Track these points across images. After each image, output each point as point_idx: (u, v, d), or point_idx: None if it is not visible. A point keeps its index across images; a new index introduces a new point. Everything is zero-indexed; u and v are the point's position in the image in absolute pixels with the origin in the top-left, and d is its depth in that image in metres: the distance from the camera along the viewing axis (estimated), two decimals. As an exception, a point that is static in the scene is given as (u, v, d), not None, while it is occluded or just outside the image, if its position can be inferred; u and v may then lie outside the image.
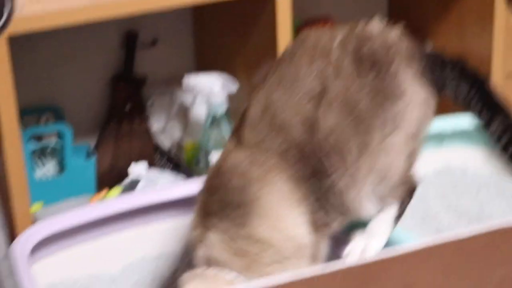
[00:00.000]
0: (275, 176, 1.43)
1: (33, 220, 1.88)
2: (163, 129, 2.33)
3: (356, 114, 1.44)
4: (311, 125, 1.43)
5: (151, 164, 2.24)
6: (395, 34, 1.54)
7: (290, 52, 1.52)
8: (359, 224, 1.59)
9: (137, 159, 2.19)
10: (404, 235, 1.63)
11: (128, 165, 2.14)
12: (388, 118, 1.48)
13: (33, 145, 2.09)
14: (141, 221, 1.88)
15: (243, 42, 2.16)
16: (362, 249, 1.55)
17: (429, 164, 2.12)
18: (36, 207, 1.93)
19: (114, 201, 1.84)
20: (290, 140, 1.43)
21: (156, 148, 2.27)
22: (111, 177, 2.21)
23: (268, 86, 1.47)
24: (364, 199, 1.49)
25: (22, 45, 2.13)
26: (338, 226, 1.51)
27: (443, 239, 1.06)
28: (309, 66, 1.46)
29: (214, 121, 2.06)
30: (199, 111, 2.22)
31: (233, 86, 2.10)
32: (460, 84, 1.53)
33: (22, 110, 2.11)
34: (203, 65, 2.38)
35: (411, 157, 1.53)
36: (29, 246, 1.67)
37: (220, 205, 1.44)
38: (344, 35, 1.51)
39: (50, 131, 2.12)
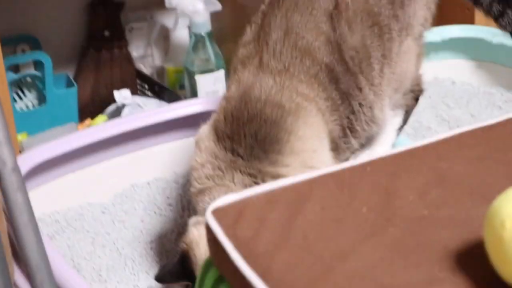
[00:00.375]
0: (307, 106, 1.37)
1: (20, 150, 1.82)
2: (143, 55, 2.26)
3: (380, 23, 1.41)
4: (336, 45, 1.38)
5: (134, 91, 2.17)
6: None
7: None
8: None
9: (119, 86, 2.12)
10: (408, 142, 1.61)
11: (110, 93, 2.08)
12: (405, 21, 1.45)
13: (12, 76, 2.01)
14: (130, 148, 1.84)
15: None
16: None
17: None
18: (21, 136, 1.86)
19: (102, 127, 1.79)
20: (318, 63, 1.38)
21: (138, 74, 2.20)
22: (93, 105, 2.15)
23: (285, 10, 1.41)
24: (386, 109, 1.47)
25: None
26: (357, 146, 1.48)
27: (473, 127, 1.03)
28: None
29: (197, 42, 1.99)
30: (181, 34, 2.16)
31: (216, 5, 2.04)
32: None
33: (-3, 41, 2.04)
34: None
35: (419, 58, 1.51)
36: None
37: (251, 138, 1.36)
38: None
39: (29, 59, 2.04)
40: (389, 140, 1.55)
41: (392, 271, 0.82)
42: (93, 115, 2.10)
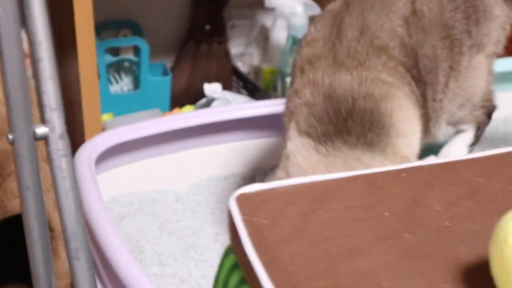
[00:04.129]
0: (396, 91, 1.37)
1: (103, 130, 1.87)
2: (242, 53, 2.28)
3: (452, 36, 1.41)
4: (411, 50, 1.38)
5: (228, 87, 2.20)
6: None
7: None
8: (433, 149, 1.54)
9: (214, 80, 2.15)
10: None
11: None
12: (478, 38, 1.44)
13: (109, 59, 2.07)
14: (211, 140, 1.86)
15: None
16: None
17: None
18: (107, 116, 1.91)
19: (184, 116, 1.82)
20: (395, 59, 1.37)
21: (234, 71, 2.23)
22: (186, 97, 2.18)
23: (361, 10, 1.41)
24: (442, 125, 1.45)
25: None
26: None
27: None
28: None
29: (294, 44, 1.99)
30: (279, 35, 2.17)
31: (315, 9, 2.04)
32: None
33: (101, 24, 2.10)
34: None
35: (490, 75, 1.49)
36: (95, 154, 1.66)
37: (351, 127, 1.35)
38: None
39: (127, 44, 2.09)
40: (459, 154, 1.52)
41: (395, 276, 0.81)
42: (184, 106, 2.13)
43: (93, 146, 1.66)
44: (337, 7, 1.44)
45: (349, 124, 1.33)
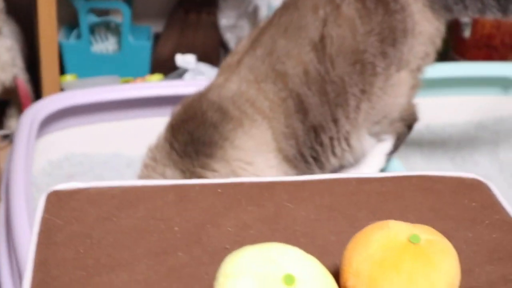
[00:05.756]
0: (257, 119, 1.39)
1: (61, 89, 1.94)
2: (234, 25, 2.30)
3: (363, 61, 1.39)
4: (319, 75, 1.38)
5: (215, 57, 2.23)
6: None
7: None
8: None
9: (201, 50, 2.19)
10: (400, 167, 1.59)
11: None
12: (397, 56, 1.42)
13: (93, 19, 2.12)
14: (167, 111, 1.89)
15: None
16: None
17: (491, 111, 2.02)
18: (70, 77, 1.97)
19: (138, 86, 1.86)
20: (289, 90, 1.38)
21: (221, 44, 2.26)
22: (171, 64, 2.22)
23: (275, 31, 1.42)
24: (365, 138, 1.46)
25: None
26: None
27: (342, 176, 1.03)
28: (313, 13, 1.41)
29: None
30: (270, 12, 2.18)
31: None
32: None
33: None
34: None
35: (413, 91, 1.48)
36: (41, 116, 1.72)
37: (188, 135, 1.39)
38: None
39: (108, 6, 2.14)
40: (376, 163, 1.53)
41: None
42: (166, 72, 2.17)
43: (39, 109, 1.73)
44: (262, 25, 1.47)
45: (184, 127, 1.37)
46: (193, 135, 1.36)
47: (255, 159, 1.37)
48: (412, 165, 1.88)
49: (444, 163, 1.93)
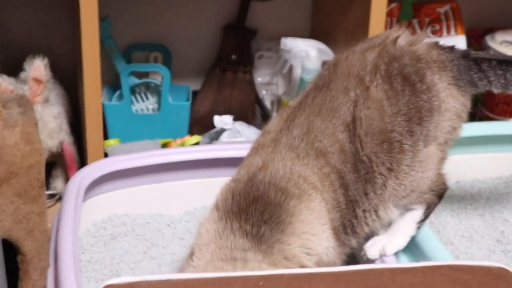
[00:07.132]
0: (312, 193, 1.46)
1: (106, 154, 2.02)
2: (268, 82, 2.38)
3: (391, 140, 1.47)
4: (352, 154, 1.46)
5: (251, 115, 2.30)
6: (422, 45, 1.52)
7: (326, 79, 1.54)
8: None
9: (237, 108, 2.27)
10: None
11: (227, 112, 2.22)
12: (423, 133, 1.49)
13: (134, 81, 2.21)
14: (207, 173, 1.97)
15: (344, 15, 2.16)
16: (384, 244, 1.58)
17: (505, 168, 2.07)
18: (113, 141, 2.06)
19: (178, 150, 1.94)
20: (331, 166, 1.46)
21: (258, 101, 2.33)
22: (209, 121, 2.30)
23: (309, 111, 1.51)
24: (391, 210, 1.53)
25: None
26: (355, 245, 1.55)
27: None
28: (344, 95, 1.49)
29: (304, 86, 2.08)
30: (298, 72, 2.26)
31: (328, 54, 2.12)
32: (497, 72, 1.54)
33: (132, 46, 2.25)
34: (316, 29, 2.40)
35: (441, 163, 1.55)
36: (87, 182, 1.81)
37: (250, 214, 1.42)
38: (374, 56, 1.51)
39: (149, 70, 2.23)
40: (408, 231, 1.59)
41: None
42: (205, 131, 2.25)
43: (85, 175, 1.81)
44: (293, 105, 1.55)
45: (250, 210, 1.42)
46: (263, 216, 1.41)
47: (316, 230, 1.45)
48: (443, 224, 1.93)
49: (474, 220, 1.98)
